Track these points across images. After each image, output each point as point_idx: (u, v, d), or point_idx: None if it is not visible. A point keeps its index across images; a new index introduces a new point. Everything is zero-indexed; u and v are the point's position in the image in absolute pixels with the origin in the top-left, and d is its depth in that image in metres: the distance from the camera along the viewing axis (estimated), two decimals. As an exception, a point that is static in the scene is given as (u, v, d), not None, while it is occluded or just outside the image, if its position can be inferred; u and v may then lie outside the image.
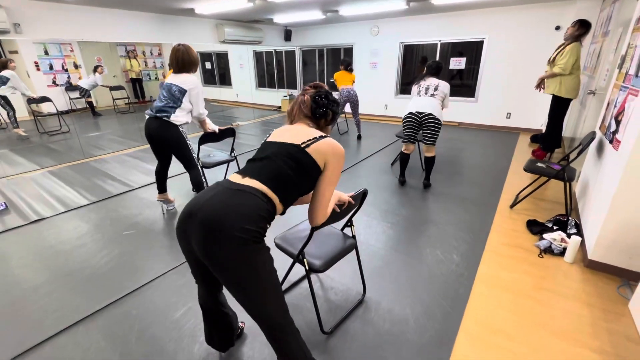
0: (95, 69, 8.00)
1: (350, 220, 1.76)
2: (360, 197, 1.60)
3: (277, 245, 1.73)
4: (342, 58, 5.96)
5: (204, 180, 2.79)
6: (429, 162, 3.39)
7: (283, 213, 1.24)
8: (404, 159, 3.48)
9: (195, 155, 2.72)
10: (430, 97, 3.18)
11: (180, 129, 2.56)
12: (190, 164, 2.70)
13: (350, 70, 5.32)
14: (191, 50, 2.49)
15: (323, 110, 1.32)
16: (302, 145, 1.18)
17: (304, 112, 1.33)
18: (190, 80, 2.50)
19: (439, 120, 3.13)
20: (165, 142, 2.58)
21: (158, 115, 2.48)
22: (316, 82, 1.40)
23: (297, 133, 1.25)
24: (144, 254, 2.37)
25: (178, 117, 2.51)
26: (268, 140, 1.30)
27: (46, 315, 1.80)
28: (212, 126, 2.88)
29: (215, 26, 6.42)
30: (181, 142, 2.58)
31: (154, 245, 2.48)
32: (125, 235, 2.62)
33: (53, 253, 2.40)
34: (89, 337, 1.66)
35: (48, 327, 1.72)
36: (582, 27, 3.54)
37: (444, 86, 3.21)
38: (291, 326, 1.18)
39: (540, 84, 3.99)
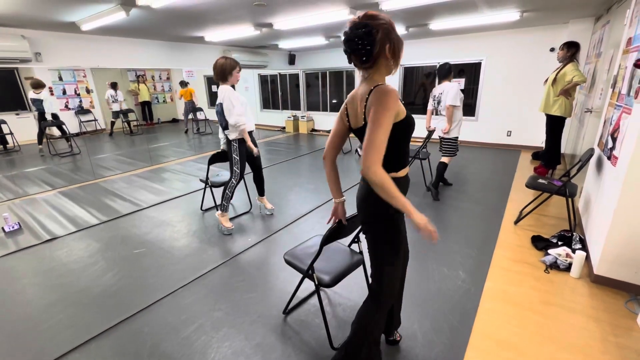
0: (113, 86, 8.45)
1: (357, 236, 1.81)
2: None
3: (287, 262, 1.77)
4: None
5: (230, 192, 2.94)
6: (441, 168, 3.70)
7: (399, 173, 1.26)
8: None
9: (237, 170, 2.91)
10: (441, 117, 3.56)
11: (233, 144, 2.84)
12: (230, 174, 2.96)
13: None
14: (221, 59, 2.67)
15: (359, 45, 1.09)
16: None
17: (355, 64, 1.17)
18: (220, 91, 2.73)
19: (448, 138, 3.55)
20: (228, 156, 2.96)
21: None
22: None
23: (356, 111, 1.22)
24: (155, 271, 2.41)
25: (230, 134, 2.82)
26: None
27: (59, 332, 1.83)
28: (250, 144, 2.92)
29: (223, 52, 6.71)
30: (231, 155, 2.90)
31: (164, 263, 2.52)
32: (136, 254, 2.67)
33: (65, 271, 2.45)
34: (101, 354, 1.68)
35: (61, 343, 1.75)
36: (572, 47, 3.70)
37: (449, 89, 3.41)
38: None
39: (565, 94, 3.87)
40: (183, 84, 8.87)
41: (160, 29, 4.56)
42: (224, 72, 2.63)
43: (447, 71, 3.46)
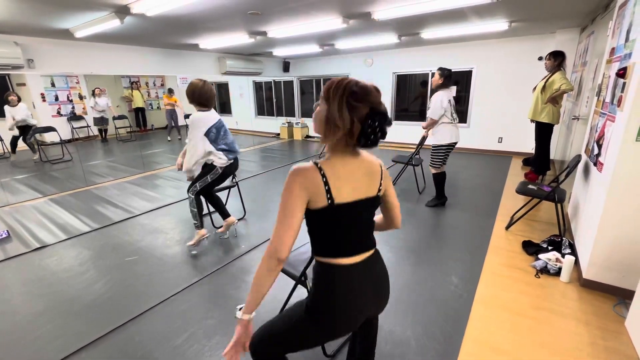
0: (93, 93, 8.44)
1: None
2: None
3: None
4: None
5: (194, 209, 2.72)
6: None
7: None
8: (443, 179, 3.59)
9: (196, 187, 2.67)
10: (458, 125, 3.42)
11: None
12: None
13: None
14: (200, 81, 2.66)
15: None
16: None
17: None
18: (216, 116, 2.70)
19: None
20: None
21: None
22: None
23: None
24: (146, 279, 2.39)
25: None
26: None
27: (48, 343, 1.80)
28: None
29: (218, 59, 6.74)
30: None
31: (156, 270, 2.50)
32: (128, 262, 2.64)
33: (55, 280, 2.41)
34: (91, 364, 1.66)
35: (50, 354, 1.72)
36: (558, 56, 3.81)
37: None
38: None
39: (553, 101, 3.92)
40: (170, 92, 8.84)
41: (154, 36, 4.57)
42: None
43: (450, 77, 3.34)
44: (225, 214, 2.93)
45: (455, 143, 3.39)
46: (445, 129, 3.30)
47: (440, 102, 3.21)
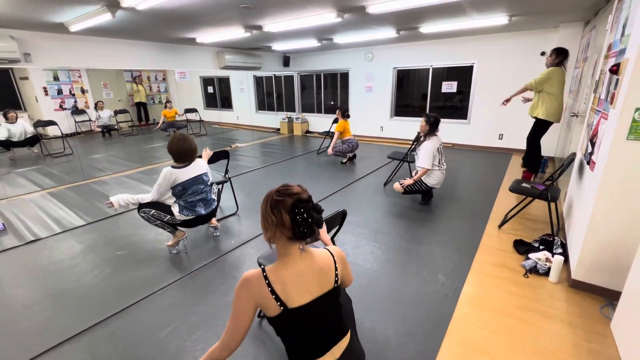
0: (96, 105, 8.60)
1: (332, 238, 1.81)
2: (340, 217, 1.66)
3: (261, 265, 1.77)
4: (345, 109, 5.45)
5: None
6: None
7: None
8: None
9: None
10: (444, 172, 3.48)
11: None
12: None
13: (348, 116, 5.47)
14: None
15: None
16: None
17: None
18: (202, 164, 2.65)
19: None
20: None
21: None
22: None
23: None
24: (135, 274, 2.40)
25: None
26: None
27: (33, 335, 1.83)
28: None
29: (216, 53, 6.72)
30: None
31: (145, 265, 2.52)
32: (118, 256, 2.66)
33: (46, 273, 2.44)
34: (73, 356, 1.68)
35: (33, 346, 1.74)
36: (560, 54, 3.70)
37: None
38: None
39: (507, 100, 4.20)
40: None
41: (149, 30, 4.56)
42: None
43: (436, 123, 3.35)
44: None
45: (436, 188, 3.51)
46: (437, 173, 3.39)
47: (430, 152, 3.29)
